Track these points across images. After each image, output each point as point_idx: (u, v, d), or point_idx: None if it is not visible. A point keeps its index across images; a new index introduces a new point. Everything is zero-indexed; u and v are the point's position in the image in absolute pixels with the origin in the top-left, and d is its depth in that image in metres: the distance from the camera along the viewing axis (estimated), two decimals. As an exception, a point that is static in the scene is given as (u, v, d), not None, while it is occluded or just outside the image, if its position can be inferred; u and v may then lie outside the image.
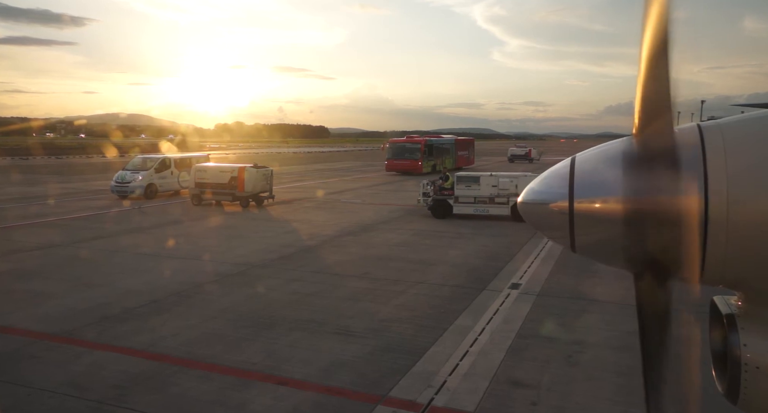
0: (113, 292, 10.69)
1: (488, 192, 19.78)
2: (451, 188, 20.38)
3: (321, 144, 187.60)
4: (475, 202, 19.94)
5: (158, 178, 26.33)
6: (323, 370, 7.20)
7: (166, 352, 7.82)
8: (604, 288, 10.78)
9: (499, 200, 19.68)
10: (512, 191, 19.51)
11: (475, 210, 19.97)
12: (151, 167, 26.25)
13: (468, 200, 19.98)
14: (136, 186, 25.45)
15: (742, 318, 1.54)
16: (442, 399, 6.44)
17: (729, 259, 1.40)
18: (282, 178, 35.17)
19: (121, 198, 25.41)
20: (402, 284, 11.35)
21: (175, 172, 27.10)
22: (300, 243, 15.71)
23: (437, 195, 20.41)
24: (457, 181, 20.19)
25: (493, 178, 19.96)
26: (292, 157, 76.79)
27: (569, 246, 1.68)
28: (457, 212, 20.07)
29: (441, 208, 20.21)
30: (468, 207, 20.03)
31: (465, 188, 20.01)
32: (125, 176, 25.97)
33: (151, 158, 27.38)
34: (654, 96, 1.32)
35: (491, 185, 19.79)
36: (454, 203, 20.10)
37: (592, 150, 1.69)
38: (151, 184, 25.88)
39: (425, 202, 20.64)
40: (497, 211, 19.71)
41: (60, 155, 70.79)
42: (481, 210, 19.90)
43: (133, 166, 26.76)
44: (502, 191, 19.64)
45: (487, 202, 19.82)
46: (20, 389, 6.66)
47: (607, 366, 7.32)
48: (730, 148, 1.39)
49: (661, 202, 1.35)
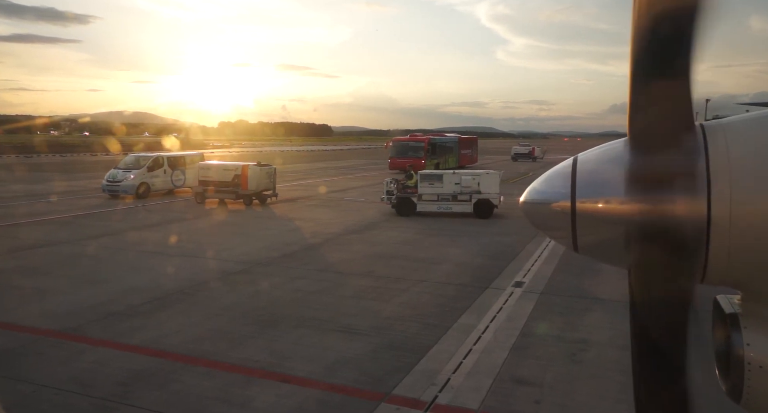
0: (117, 289, 10.74)
1: (451, 189, 19.87)
2: (414, 186, 20.41)
3: (324, 142, 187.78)
4: (438, 200, 20.03)
5: (151, 176, 25.64)
6: (327, 368, 7.22)
7: (169, 349, 7.85)
8: (607, 286, 10.77)
9: (462, 197, 19.82)
10: (474, 189, 19.71)
11: (438, 208, 20.06)
12: (144, 166, 25.53)
13: (431, 198, 20.08)
14: (128, 185, 24.76)
15: (745, 317, 1.54)
16: (446, 397, 6.45)
17: (732, 259, 1.40)
18: (285, 176, 35.21)
19: (113, 197, 24.82)
20: (405, 282, 11.36)
21: (168, 170, 26.51)
22: (303, 242, 15.73)
23: (401, 193, 20.43)
24: (421, 179, 20.24)
25: (455, 176, 20.08)
26: (295, 155, 76.85)
27: (571, 246, 1.68)
28: (421, 210, 20.16)
29: (405, 206, 20.26)
30: (431, 205, 20.12)
31: (428, 186, 20.07)
32: (117, 175, 25.27)
33: (144, 156, 26.64)
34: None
35: (454, 183, 19.89)
36: (417, 201, 20.16)
37: (594, 149, 1.69)
38: (143, 183, 25.19)
39: (389, 200, 20.60)
40: (460, 209, 19.84)
41: (64, 153, 71.02)
42: (444, 207, 19.99)
43: (126, 165, 26.06)
44: (465, 189, 19.77)
45: (450, 200, 19.93)
46: (25, 385, 6.70)
47: (611, 365, 7.30)
48: (733, 148, 1.39)
49: (663, 202, 1.35)
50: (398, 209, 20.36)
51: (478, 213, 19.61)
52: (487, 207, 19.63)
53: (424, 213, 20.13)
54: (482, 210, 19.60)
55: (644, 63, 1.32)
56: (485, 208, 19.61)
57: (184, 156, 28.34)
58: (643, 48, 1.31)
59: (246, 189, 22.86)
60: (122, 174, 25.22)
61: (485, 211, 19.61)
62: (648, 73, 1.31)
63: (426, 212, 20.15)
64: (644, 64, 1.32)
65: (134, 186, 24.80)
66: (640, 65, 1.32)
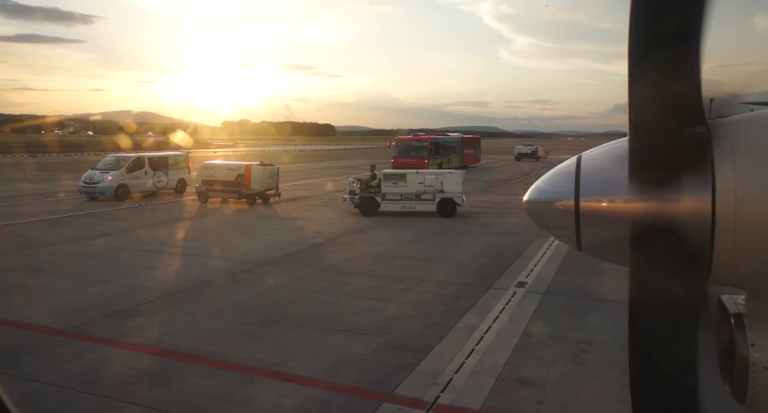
0: (121, 288, 10.77)
1: (414, 189, 19.95)
2: (377, 186, 20.42)
3: (327, 142, 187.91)
4: (401, 199, 20.12)
5: (130, 178, 24.29)
6: (329, 367, 7.23)
7: (173, 348, 7.87)
8: (611, 286, 10.73)
9: (425, 197, 19.93)
10: (438, 188, 19.81)
11: (402, 207, 20.13)
12: (123, 166, 24.25)
13: (395, 197, 20.14)
14: (105, 186, 23.44)
15: (749, 317, 1.54)
16: (448, 397, 6.44)
17: (737, 259, 1.39)
18: (289, 176, 35.25)
19: (91, 199, 23.61)
20: (408, 282, 11.36)
21: (150, 171, 25.19)
22: (306, 241, 15.75)
23: (364, 192, 20.42)
24: (384, 179, 20.27)
25: (419, 176, 20.16)
26: (298, 155, 76.93)
27: (575, 245, 1.67)
28: (384, 209, 20.19)
29: (368, 206, 20.26)
30: (395, 205, 20.18)
31: (392, 185, 20.13)
32: (94, 176, 23.83)
33: (124, 157, 25.33)
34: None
35: (417, 182, 19.95)
36: (381, 200, 20.19)
37: (598, 148, 1.68)
38: (121, 184, 23.86)
39: (352, 200, 20.55)
40: (423, 208, 19.96)
41: (68, 152, 71.25)
42: (408, 207, 20.08)
43: (104, 165, 24.68)
44: (428, 188, 19.86)
45: (413, 199, 20.02)
46: (30, 383, 6.72)
47: (614, 366, 7.27)
48: (737, 146, 1.38)
49: (667, 201, 1.34)
50: (361, 209, 20.33)
51: (441, 212, 19.81)
52: (450, 206, 19.86)
53: (424, 213, 20.13)
54: (445, 209, 19.82)
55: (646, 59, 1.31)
56: (448, 207, 19.85)
57: (166, 156, 26.98)
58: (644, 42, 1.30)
59: (249, 188, 22.89)
60: (99, 175, 23.89)
61: (448, 210, 19.85)
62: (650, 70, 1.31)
63: (390, 212, 20.16)
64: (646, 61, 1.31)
65: (112, 188, 23.52)
66: (641, 62, 1.31)
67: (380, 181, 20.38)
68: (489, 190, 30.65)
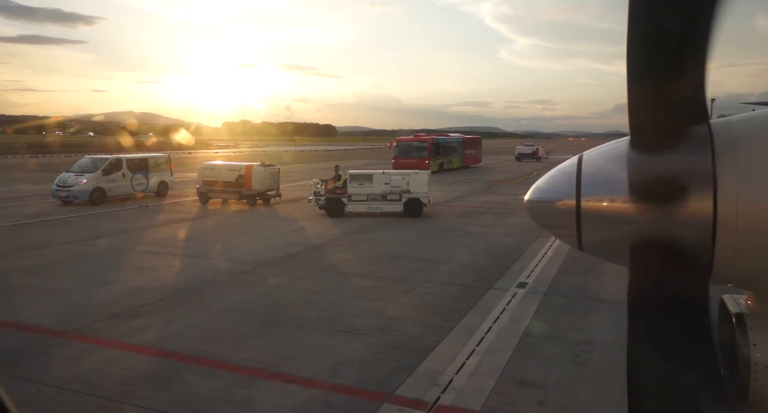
0: (122, 289, 10.77)
1: (381, 189, 19.94)
2: (343, 187, 20.36)
3: (329, 142, 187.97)
4: (368, 200, 20.07)
5: (107, 181, 23.25)
6: (329, 368, 7.22)
7: (173, 349, 7.86)
8: (611, 287, 10.72)
9: (392, 197, 19.94)
10: (404, 188, 19.84)
11: (368, 208, 20.09)
12: (99, 168, 23.23)
13: (361, 198, 20.10)
14: (80, 190, 22.39)
15: (751, 317, 1.53)
16: (449, 398, 6.43)
17: (738, 258, 1.38)
18: (289, 177, 35.27)
19: (65, 203, 22.63)
20: (409, 283, 11.35)
21: (128, 174, 24.23)
22: (307, 242, 15.74)
23: (330, 194, 20.37)
24: (350, 179, 20.21)
25: (385, 176, 20.16)
26: (299, 155, 76.94)
27: (576, 244, 1.67)
28: (351, 210, 20.11)
29: (334, 207, 20.20)
30: (361, 205, 20.13)
31: (358, 186, 20.07)
32: (68, 179, 22.77)
33: (100, 158, 24.37)
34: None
35: (384, 183, 19.96)
36: (347, 201, 20.14)
37: (599, 148, 1.68)
38: (97, 188, 22.83)
39: (317, 201, 20.44)
40: (390, 208, 19.96)
41: (70, 153, 71.33)
42: (374, 207, 20.05)
43: (80, 168, 23.56)
44: (395, 188, 19.89)
45: (380, 200, 20.00)
46: (30, 385, 6.72)
47: (616, 366, 7.26)
48: (739, 146, 1.38)
49: (668, 201, 1.34)
50: (327, 210, 20.25)
51: (408, 212, 19.86)
52: (417, 207, 19.94)
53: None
54: (412, 209, 19.88)
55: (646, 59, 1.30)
56: (415, 207, 19.92)
57: (146, 158, 25.97)
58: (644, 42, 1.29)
59: (250, 189, 22.90)
60: (74, 178, 22.82)
61: (415, 210, 19.92)
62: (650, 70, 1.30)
63: (358, 212, 20.10)
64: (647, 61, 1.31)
65: (87, 191, 22.51)
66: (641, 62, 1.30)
67: (346, 181, 20.33)
68: (490, 191, 30.65)
